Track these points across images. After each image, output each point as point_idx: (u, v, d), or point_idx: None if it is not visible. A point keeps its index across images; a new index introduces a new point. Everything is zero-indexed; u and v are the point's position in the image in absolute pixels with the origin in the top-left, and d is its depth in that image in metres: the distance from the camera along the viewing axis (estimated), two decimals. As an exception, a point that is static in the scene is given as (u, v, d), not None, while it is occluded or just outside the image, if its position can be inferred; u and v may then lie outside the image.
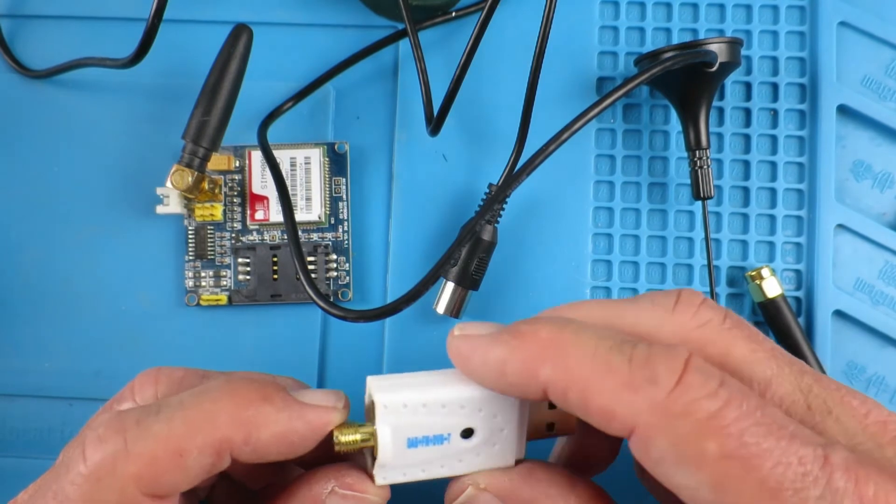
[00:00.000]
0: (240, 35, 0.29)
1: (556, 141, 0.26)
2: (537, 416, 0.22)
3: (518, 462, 0.22)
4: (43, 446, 0.31)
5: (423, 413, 0.20)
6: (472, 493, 0.21)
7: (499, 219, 0.30)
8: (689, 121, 0.29)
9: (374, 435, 0.20)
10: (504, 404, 0.21)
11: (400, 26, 0.32)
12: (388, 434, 0.20)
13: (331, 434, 0.21)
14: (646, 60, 0.30)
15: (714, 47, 0.28)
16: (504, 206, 0.30)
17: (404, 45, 0.32)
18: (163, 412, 0.19)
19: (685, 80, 0.29)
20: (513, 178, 0.27)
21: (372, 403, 0.21)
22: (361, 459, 0.23)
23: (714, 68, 0.28)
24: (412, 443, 0.21)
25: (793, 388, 0.18)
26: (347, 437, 0.20)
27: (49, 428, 0.31)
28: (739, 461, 0.16)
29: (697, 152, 0.29)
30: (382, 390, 0.20)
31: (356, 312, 0.27)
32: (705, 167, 0.29)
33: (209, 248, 0.31)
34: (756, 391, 0.18)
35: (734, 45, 0.29)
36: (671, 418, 0.16)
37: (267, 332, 0.31)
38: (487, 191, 0.30)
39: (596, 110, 0.26)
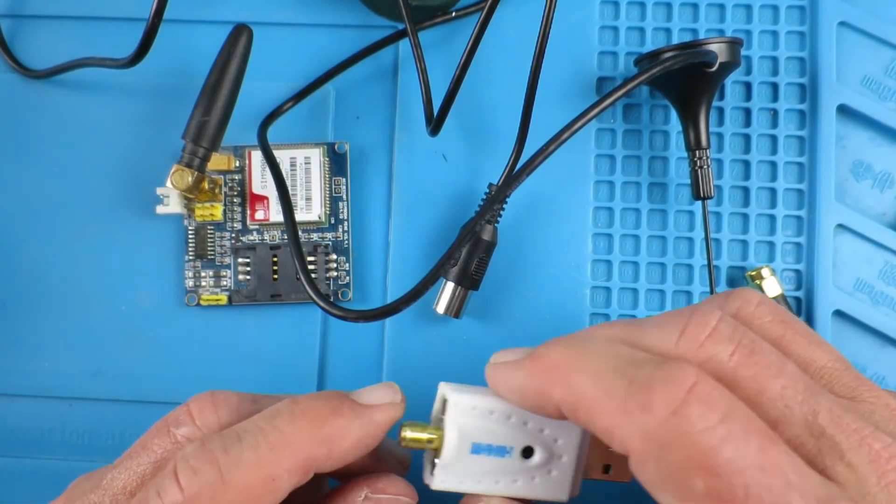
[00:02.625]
0: (240, 35, 0.29)
1: (556, 141, 0.26)
2: (596, 453, 0.22)
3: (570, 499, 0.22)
4: (43, 446, 0.31)
5: (490, 420, 0.21)
6: None
7: (499, 219, 0.30)
8: (689, 121, 0.29)
9: (440, 435, 0.21)
10: (566, 431, 0.21)
11: (400, 26, 0.32)
12: (454, 434, 0.21)
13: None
14: (646, 60, 0.30)
15: (714, 47, 0.28)
16: (504, 206, 0.30)
17: (404, 45, 0.32)
18: (245, 440, 0.20)
19: (685, 80, 0.29)
20: (513, 178, 0.27)
21: (442, 405, 0.21)
22: (394, 466, 0.24)
23: (714, 68, 0.28)
24: (475, 448, 0.21)
25: (802, 431, 0.17)
26: (415, 434, 0.21)
27: (49, 428, 0.31)
28: None
29: (697, 152, 0.29)
30: (455, 391, 0.21)
31: (356, 312, 0.27)
32: (705, 167, 0.29)
33: (209, 248, 0.31)
34: None
35: (734, 45, 0.29)
36: (661, 448, 0.16)
37: (267, 332, 0.31)
38: (487, 191, 0.30)
39: (596, 110, 0.26)
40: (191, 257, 0.31)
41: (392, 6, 0.31)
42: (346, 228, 0.31)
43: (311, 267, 0.31)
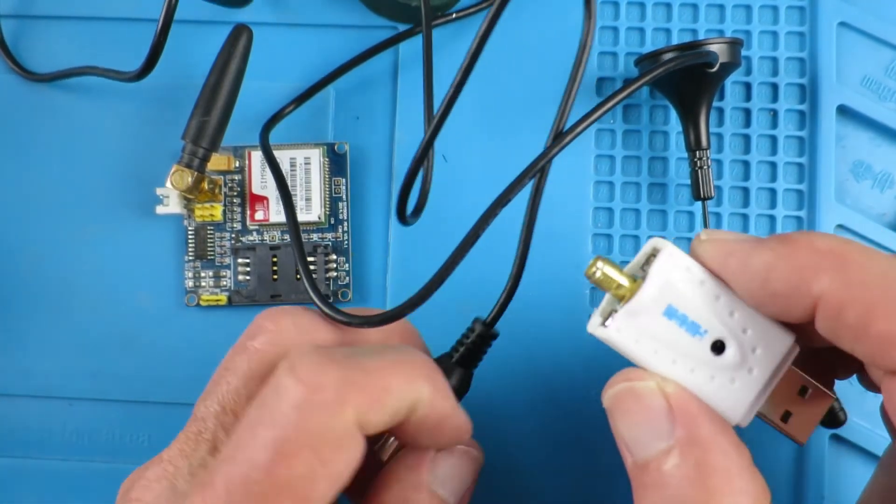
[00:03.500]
0: (240, 35, 0.29)
1: (557, 143, 0.26)
2: (785, 391, 0.20)
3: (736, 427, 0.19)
4: (43, 446, 0.31)
5: (698, 291, 0.19)
6: (652, 389, 0.18)
7: (499, 219, 0.29)
8: (689, 121, 0.29)
9: (637, 284, 0.19)
10: (771, 342, 0.19)
11: (400, 27, 0.32)
12: (656, 284, 0.19)
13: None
14: (646, 61, 0.30)
15: (714, 48, 0.28)
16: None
17: (404, 45, 0.32)
18: (366, 353, 0.19)
19: (685, 80, 0.29)
20: (514, 181, 0.26)
21: (646, 260, 0.19)
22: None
23: (714, 69, 0.28)
24: (669, 312, 0.19)
25: None
26: (609, 271, 0.19)
27: (49, 428, 0.31)
28: None
29: (697, 153, 0.29)
30: (672, 245, 0.19)
31: (361, 318, 0.27)
32: (705, 167, 0.29)
33: (209, 249, 0.31)
34: None
35: (734, 45, 0.29)
36: None
37: (267, 332, 0.31)
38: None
39: (598, 113, 0.26)
40: (191, 258, 0.31)
41: (392, 6, 0.31)
42: (345, 228, 0.31)
43: (311, 267, 0.31)
